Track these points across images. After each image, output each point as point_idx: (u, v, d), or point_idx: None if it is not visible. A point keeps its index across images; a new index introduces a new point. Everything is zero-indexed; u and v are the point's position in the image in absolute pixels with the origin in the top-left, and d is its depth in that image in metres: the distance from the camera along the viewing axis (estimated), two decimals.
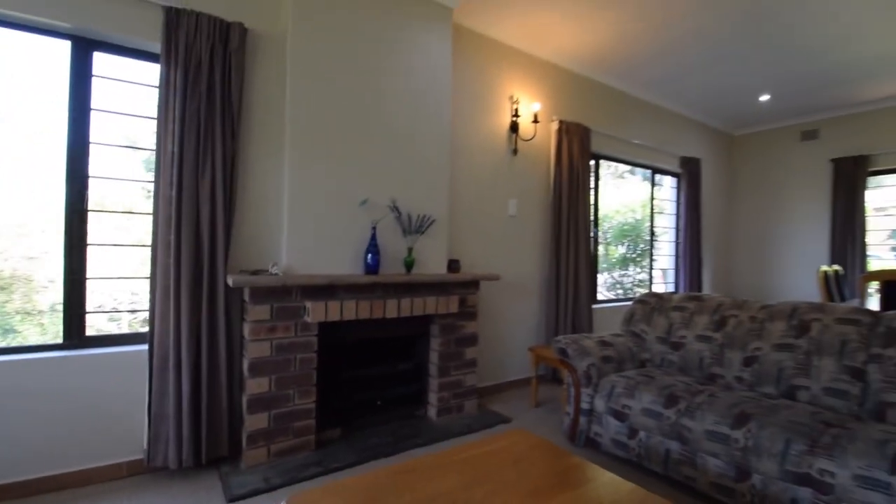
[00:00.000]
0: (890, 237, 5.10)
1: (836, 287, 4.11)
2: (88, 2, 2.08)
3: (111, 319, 2.40)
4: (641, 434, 2.28)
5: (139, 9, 2.18)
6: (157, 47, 2.22)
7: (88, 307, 2.20)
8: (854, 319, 2.22)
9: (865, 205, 5.04)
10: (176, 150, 2.17)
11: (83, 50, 2.18)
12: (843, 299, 4.17)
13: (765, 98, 4.90)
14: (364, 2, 2.70)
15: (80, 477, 2.06)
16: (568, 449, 2.30)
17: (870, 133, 5.06)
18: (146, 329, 2.23)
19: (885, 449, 1.62)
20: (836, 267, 4.32)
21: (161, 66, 2.17)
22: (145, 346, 2.19)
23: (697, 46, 3.68)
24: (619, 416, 2.38)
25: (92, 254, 2.20)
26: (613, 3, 3.07)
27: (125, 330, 2.41)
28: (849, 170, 5.13)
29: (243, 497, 2.01)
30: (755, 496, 1.85)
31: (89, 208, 2.20)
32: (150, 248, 2.18)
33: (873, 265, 5.06)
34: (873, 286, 4.06)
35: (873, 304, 4.12)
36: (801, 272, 5.46)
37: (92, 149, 2.20)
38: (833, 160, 5.27)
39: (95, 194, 2.24)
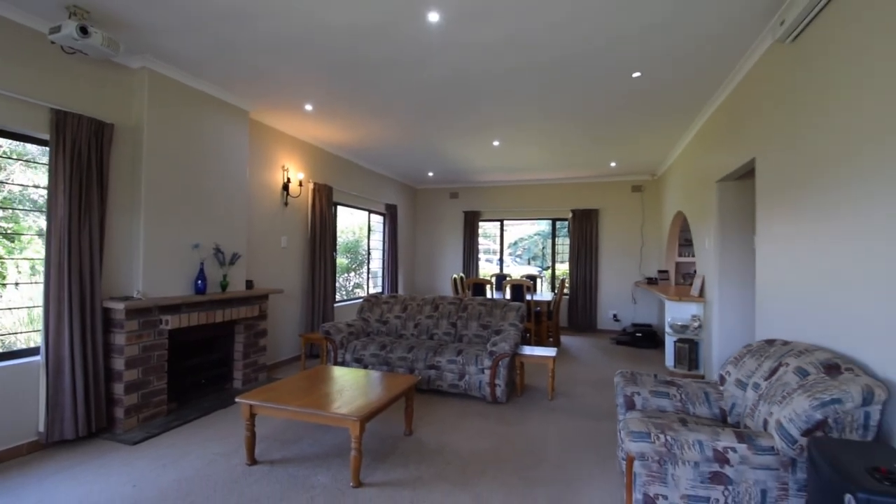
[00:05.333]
0: (486, 252, 9.29)
1: (461, 285, 7.59)
2: None
3: None
4: (370, 366, 4.53)
5: (29, 109, 2.94)
6: (42, 135, 3.00)
7: None
8: (454, 301, 5.11)
9: (478, 238, 9.06)
10: (64, 213, 3.03)
11: None
12: (464, 292, 7.69)
13: (431, 173, 8.18)
14: (193, 106, 3.97)
15: None
16: None
17: (480, 199, 9.09)
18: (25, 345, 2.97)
19: (456, 349, 4.36)
20: (461, 274, 7.87)
21: (50, 152, 2.99)
22: (30, 359, 2.95)
23: (392, 146, 6.31)
24: (359, 360, 4.57)
25: None
26: (341, 122, 5.25)
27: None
28: (471, 218, 9.05)
29: (140, 441, 3.14)
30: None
31: None
32: (42, 285, 2.96)
33: (482, 271, 9.13)
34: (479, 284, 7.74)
35: (469, 294, 7.81)
36: (449, 277, 9.14)
37: None
38: (465, 212, 9.13)
39: None
